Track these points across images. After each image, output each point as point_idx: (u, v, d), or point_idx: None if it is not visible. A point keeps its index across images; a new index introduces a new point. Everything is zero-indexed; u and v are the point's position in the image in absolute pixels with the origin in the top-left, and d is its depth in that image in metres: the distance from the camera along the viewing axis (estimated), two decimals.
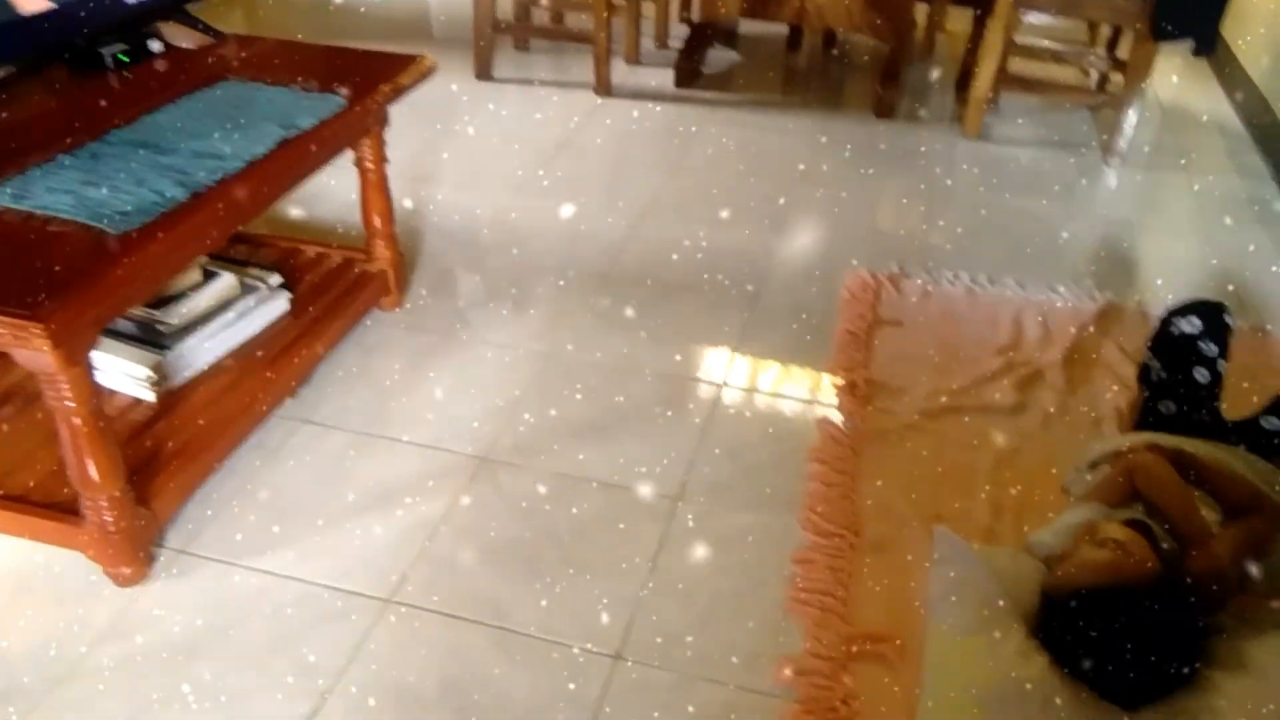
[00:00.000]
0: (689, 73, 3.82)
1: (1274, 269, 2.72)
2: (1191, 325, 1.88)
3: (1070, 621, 1.46)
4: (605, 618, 1.65)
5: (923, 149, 3.37)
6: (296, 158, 1.87)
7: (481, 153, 3.26)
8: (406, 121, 3.31)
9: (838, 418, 2.12)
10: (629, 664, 1.57)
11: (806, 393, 2.22)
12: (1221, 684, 1.42)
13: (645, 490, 1.92)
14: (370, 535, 1.79)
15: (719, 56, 4.13)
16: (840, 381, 2.22)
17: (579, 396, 2.17)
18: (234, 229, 1.88)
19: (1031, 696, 1.38)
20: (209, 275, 2.08)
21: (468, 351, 2.30)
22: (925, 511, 1.87)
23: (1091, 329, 2.41)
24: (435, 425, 2.06)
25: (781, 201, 3.00)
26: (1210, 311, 1.90)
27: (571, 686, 1.54)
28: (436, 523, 1.83)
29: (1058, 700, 1.38)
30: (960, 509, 1.89)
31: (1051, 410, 2.15)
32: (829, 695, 1.52)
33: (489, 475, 1.94)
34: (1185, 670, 1.43)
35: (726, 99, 3.73)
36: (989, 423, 2.11)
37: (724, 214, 2.93)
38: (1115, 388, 2.20)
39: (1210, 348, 1.87)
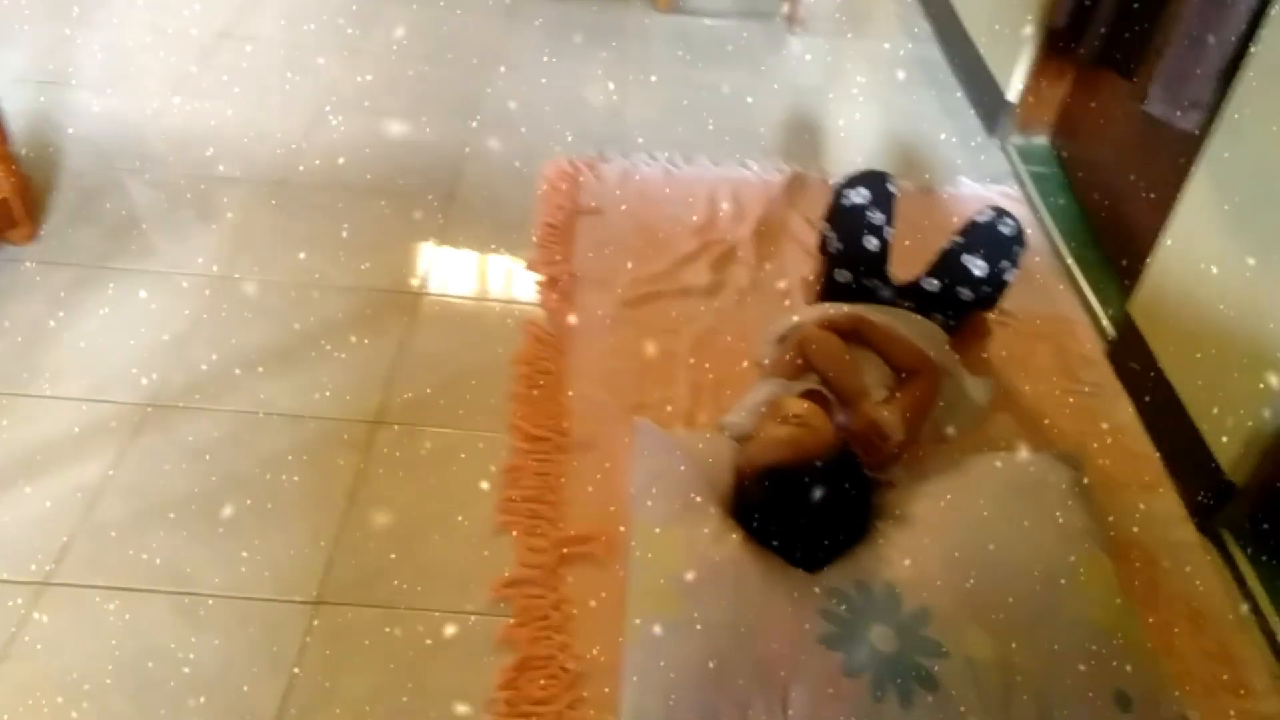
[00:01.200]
0: None
1: (940, 130, 2.91)
2: (860, 196, 1.97)
3: (757, 497, 1.53)
4: (301, 563, 1.55)
5: (617, 24, 3.29)
6: None
7: (129, 47, 2.85)
8: (30, 14, 2.84)
9: (541, 316, 2.08)
10: (331, 608, 1.49)
11: (509, 293, 2.15)
12: (891, 534, 1.54)
13: (340, 419, 1.80)
14: (15, 511, 1.57)
15: None
16: (541, 278, 2.17)
17: (260, 322, 1.99)
18: None
19: (724, 576, 1.44)
20: None
21: (123, 284, 2.04)
22: (629, 403, 1.89)
23: (779, 201, 2.48)
24: (90, 373, 1.82)
25: (473, 87, 2.85)
26: (876, 181, 1.98)
27: (268, 642, 1.44)
28: (99, 485, 1.63)
29: (748, 576, 1.44)
30: (662, 396, 1.92)
31: (744, 286, 2.21)
32: (541, 604, 1.52)
33: (159, 423, 1.75)
34: (859, 528, 1.54)
35: None
36: (687, 306, 2.14)
37: (412, 105, 2.74)
38: (801, 258, 2.29)
39: (877, 216, 1.96)
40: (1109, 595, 1.47)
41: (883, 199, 1.98)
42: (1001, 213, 1.93)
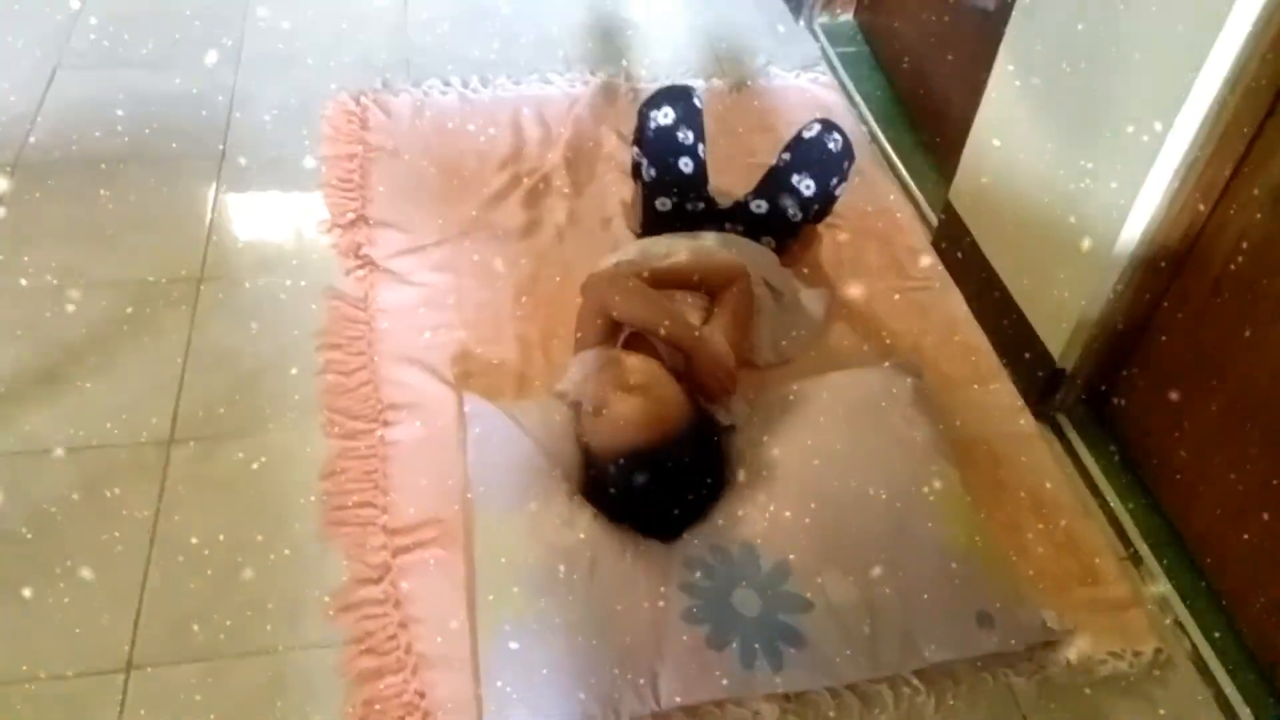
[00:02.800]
0: None
1: (746, 18, 2.76)
2: (666, 116, 1.83)
3: (619, 483, 1.41)
4: (103, 627, 1.37)
5: None
6: None
7: None
8: None
9: (345, 286, 1.89)
10: (144, 673, 1.33)
11: (304, 264, 1.94)
12: (742, 487, 1.47)
13: (125, 444, 1.59)
14: None
15: None
16: (336, 241, 1.96)
17: (13, 340, 1.73)
18: None
19: (577, 563, 1.35)
20: None
21: None
22: (455, 371, 1.74)
23: (588, 119, 2.32)
24: None
25: (228, 19, 2.52)
26: (680, 97, 1.84)
27: None
28: None
29: (602, 559, 1.36)
30: (488, 358, 1.77)
31: (562, 221, 2.06)
32: (386, 623, 1.40)
33: None
34: (716, 490, 1.47)
35: None
36: (503, 251, 1.98)
37: (160, 50, 2.40)
38: (619, 179, 2.14)
39: (688, 135, 1.83)
40: (961, 512, 1.47)
41: (690, 116, 1.85)
42: (828, 126, 1.84)
